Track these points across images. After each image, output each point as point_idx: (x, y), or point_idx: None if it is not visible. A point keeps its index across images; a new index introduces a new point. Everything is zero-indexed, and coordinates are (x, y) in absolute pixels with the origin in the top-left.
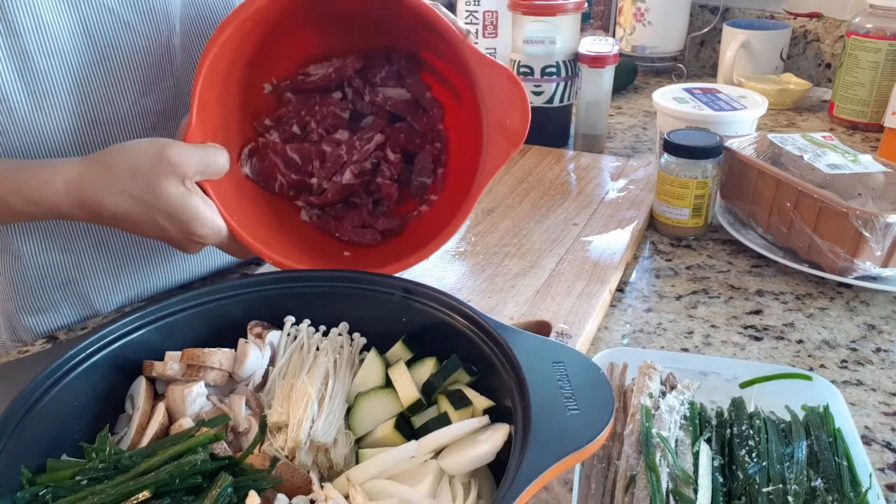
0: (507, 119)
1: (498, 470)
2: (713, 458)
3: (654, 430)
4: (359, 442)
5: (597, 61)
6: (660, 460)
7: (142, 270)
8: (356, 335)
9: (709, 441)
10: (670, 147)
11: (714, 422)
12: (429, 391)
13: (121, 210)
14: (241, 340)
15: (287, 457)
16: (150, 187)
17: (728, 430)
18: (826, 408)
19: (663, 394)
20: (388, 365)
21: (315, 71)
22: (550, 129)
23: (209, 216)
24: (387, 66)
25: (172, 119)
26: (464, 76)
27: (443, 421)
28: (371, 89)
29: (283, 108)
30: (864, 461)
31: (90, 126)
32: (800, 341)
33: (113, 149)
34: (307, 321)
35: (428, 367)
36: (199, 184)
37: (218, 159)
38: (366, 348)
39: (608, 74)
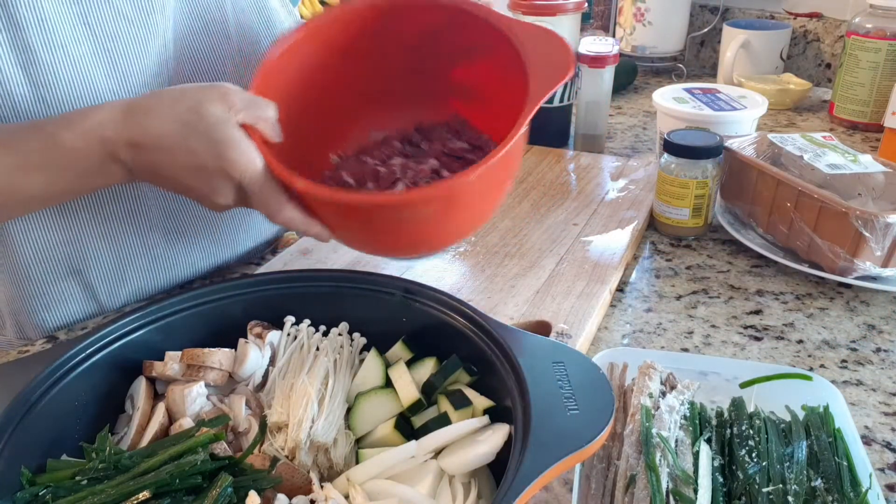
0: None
1: (498, 470)
2: (713, 458)
3: (654, 430)
4: (359, 442)
5: (597, 61)
6: (660, 460)
7: (145, 261)
8: (356, 335)
9: (709, 441)
10: (670, 147)
11: (714, 422)
12: (429, 391)
13: (161, 131)
14: (241, 340)
15: (287, 457)
16: (195, 107)
17: (728, 430)
18: (826, 408)
19: (663, 394)
20: (388, 365)
21: (376, 135)
22: (550, 129)
23: (245, 144)
24: (445, 126)
25: None
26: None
27: (443, 421)
28: (429, 143)
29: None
30: (864, 461)
31: None
32: (800, 341)
33: (160, 89)
34: (307, 321)
35: (428, 367)
36: (242, 126)
37: (266, 107)
38: (366, 348)
39: (608, 74)
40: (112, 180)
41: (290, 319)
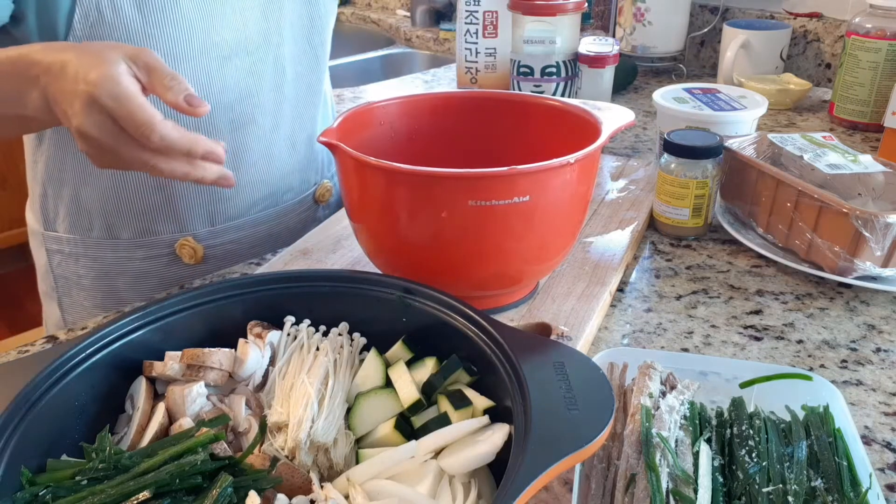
0: None
1: (498, 470)
2: (713, 458)
3: (654, 430)
4: (359, 442)
5: (597, 61)
6: (660, 460)
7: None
8: (356, 335)
9: (709, 441)
10: (670, 147)
11: (714, 422)
12: (429, 391)
13: (67, 55)
14: (241, 340)
15: (287, 457)
16: (109, 45)
17: (728, 430)
18: (826, 408)
19: (663, 394)
20: (388, 365)
21: None
22: None
23: (117, 69)
24: None
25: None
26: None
27: (443, 421)
28: None
29: None
30: (864, 461)
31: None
32: (800, 341)
33: None
34: (307, 321)
35: (428, 367)
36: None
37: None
38: (366, 348)
39: (608, 74)
40: (29, 107)
41: (290, 319)
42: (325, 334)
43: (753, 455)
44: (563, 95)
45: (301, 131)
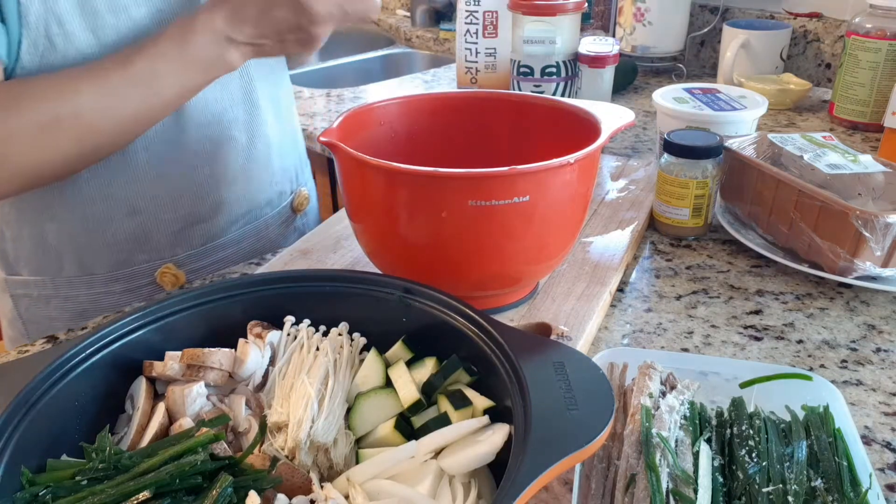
0: None
1: (498, 470)
2: (713, 458)
3: (654, 430)
4: (359, 442)
5: (597, 61)
6: (660, 460)
7: (192, 201)
8: (356, 335)
9: (709, 441)
10: (670, 147)
11: (714, 422)
12: (429, 391)
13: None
14: (241, 340)
15: (287, 457)
16: None
17: (728, 430)
18: (826, 408)
19: (663, 394)
20: (388, 365)
21: None
22: None
23: None
24: None
25: None
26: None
27: (443, 421)
28: None
29: None
30: (864, 461)
31: None
32: (800, 341)
33: None
34: (307, 321)
35: (428, 367)
36: None
37: None
38: (366, 348)
39: (608, 74)
40: (227, 64)
41: (290, 319)
42: (325, 334)
43: (753, 455)
44: (563, 95)
45: (274, 140)
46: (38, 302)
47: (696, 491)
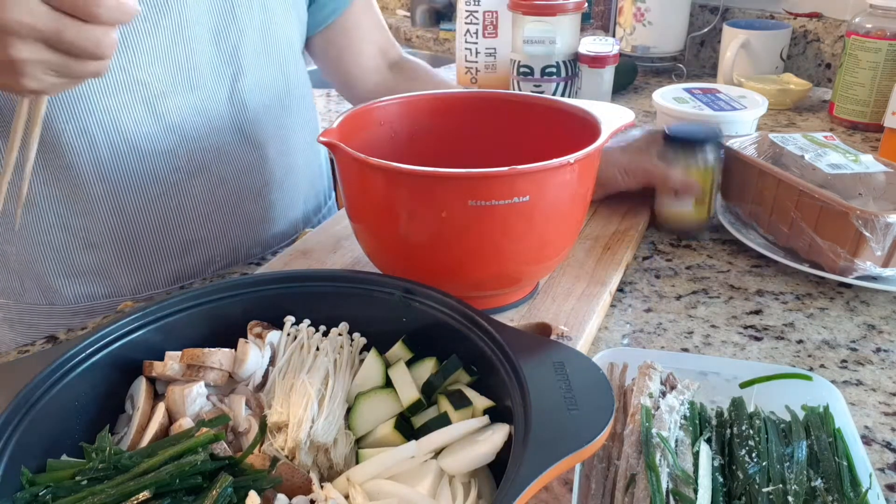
0: None
1: (498, 470)
2: (713, 458)
3: (654, 430)
4: (359, 442)
5: (597, 61)
6: (660, 460)
7: (155, 240)
8: (356, 335)
9: (709, 441)
10: (670, 139)
11: (714, 422)
12: (429, 391)
13: None
14: (241, 340)
15: (287, 457)
16: None
17: (728, 430)
18: (826, 408)
19: (663, 394)
20: (388, 365)
21: None
22: None
23: None
24: None
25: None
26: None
27: (443, 421)
28: None
29: None
30: (864, 461)
31: None
32: (800, 341)
33: None
34: (307, 321)
35: (428, 367)
36: None
37: None
38: (366, 348)
39: (608, 74)
40: None
41: (290, 319)
42: (325, 334)
43: (753, 455)
44: (563, 95)
45: (274, 177)
46: (4, 324)
47: (696, 491)
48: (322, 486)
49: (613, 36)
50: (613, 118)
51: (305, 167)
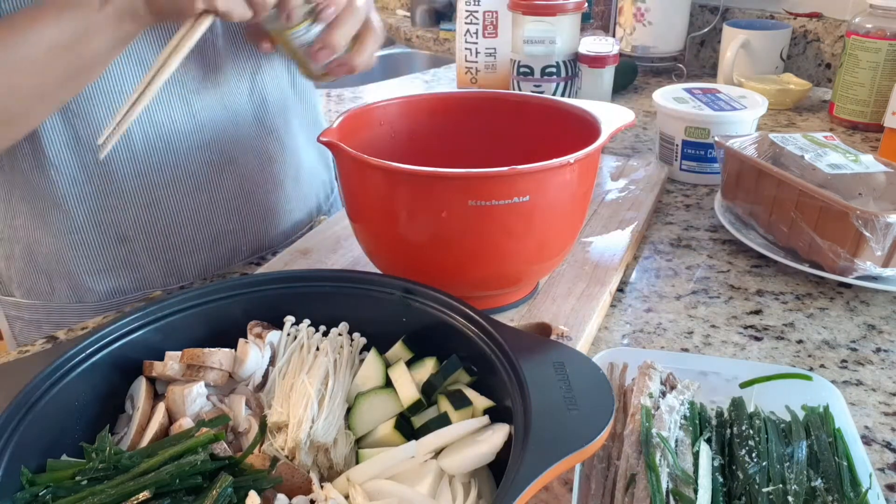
0: None
1: (498, 470)
2: (713, 458)
3: (654, 430)
4: (359, 442)
5: (597, 61)
6: (660, 460)
7: (187, 234)
8: (356, 335)
9: (709, 441)
10: None
11: (714, 422)
12: (429, 391)
13: None
14: (241, 340)
15: (287, 457)
16: None
17: (728, 430)
18: (826, 408)
19: (663, 394)
20: (388, 365)
21: None
22: None
23: None
24: None
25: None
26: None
27: (443, 421)
28: None
29: None
30: (864, 461)
31: None
32: (800, 341)
33: None
34: (307, 321)
35: (428, 367)
36: None
37: None
38: (366, 348)
39: (608, 74)
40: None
41: (290, 319)
42: (325, 334)
43: (753, 455)
44: (563, 95)
45: (294, 168)
46: (31, 326)
47: (696, 491)
48: (322, 486)
49: (613, 36)
50: (613, 118)
51: (315, 158)
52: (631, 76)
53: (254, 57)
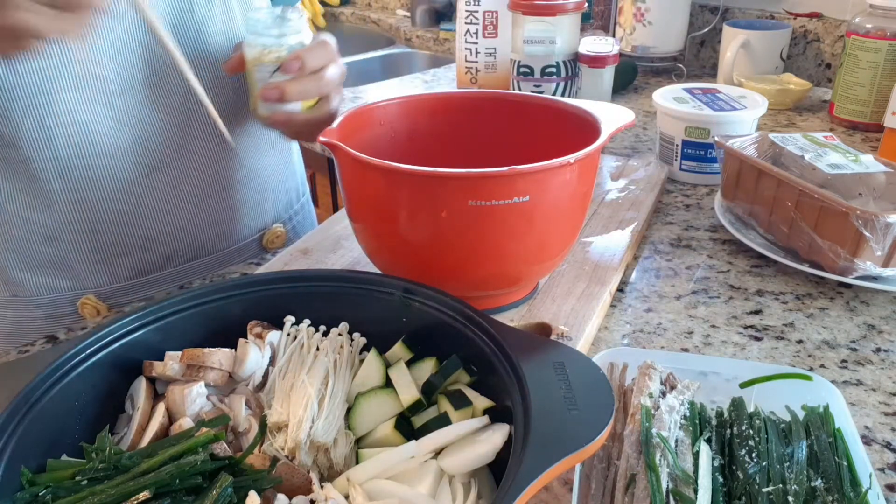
0: None
1: (498, 470)
2: (713, 458)
3: (654, 430)
4: (359, 442)
5: (597, 61)
6: (660, 460)
7: (117, 234)
8: (356, 335)
9: (709, 441)
10: None
11: (714, 422)
12: (429, 391)
13: None
14: (241, 340)
15: (287, 457)
16: None
17: (728, 430)
18: (826, 408)
19: (663, 394)
20: (388, 365)
21: None
22: None
23: None
24: None
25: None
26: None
27: (443, 421)
28: None
29: None
30: (864, 461)
31: None
32: (800, 341)
33: None
34: (307, 321)
35: (428, 367)
36: None
37: None
38: (366, 348)
39: (608, 74)
40: None
41: (290, 319)
42: (325, 334)
43: (753, 455)
44: (563, 95)
45: (238, 170)
46: None
47: (696, 491)
48: (322, 486)
49: (613, 36)
50: (613, 118)
51: (275, 165)
52: (631, 76)
53: (195, 56)
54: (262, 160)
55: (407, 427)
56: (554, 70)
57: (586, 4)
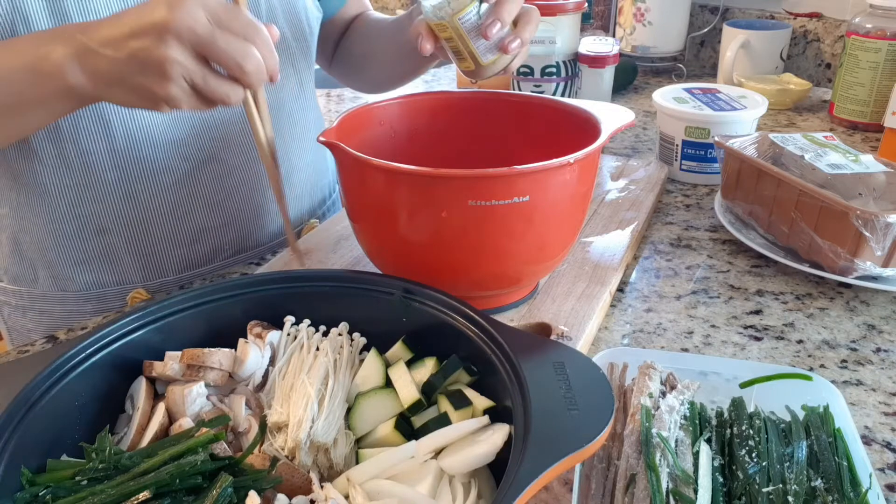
0: None
1: (498, 470)
2: (713, 458)
3: (654, 430)
4: (359, 442)
5: (597, 61)
6: (660, 460)
7: (168, 229)
8: (356, 335)
9: (709, 441)
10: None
11: (714, 422)
12: (429, 391)
13: (103, 31)
14: (241, 340)
15: (287, 457)
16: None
17: (728, 430)
18: (826, 408)
19: (663, 394)
20: (388, 365)
21: None
22: None
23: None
24: None
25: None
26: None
27: (443, 421)
28: None
29: None
30: (864, 461)
31: None
32: (800, 341)
33: None
34: (307, 321)
35: (428, 367)
36: None
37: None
38: (366, 348)
39: (608, 74)
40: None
41: (290, 319)
42: (325, 334)
43: (753, 455)
44: (563, 95)
45: (282, 164)
46: (17, 311)
47: (696, 491)
48: (322, 486)
49: (613, 36)
50: (613, 118)
51: (312, 162)
52: (631, 76)
53: None
54: (304, 157)
55: (407, 427)
56: (554, 70)
57: (586, 4)
